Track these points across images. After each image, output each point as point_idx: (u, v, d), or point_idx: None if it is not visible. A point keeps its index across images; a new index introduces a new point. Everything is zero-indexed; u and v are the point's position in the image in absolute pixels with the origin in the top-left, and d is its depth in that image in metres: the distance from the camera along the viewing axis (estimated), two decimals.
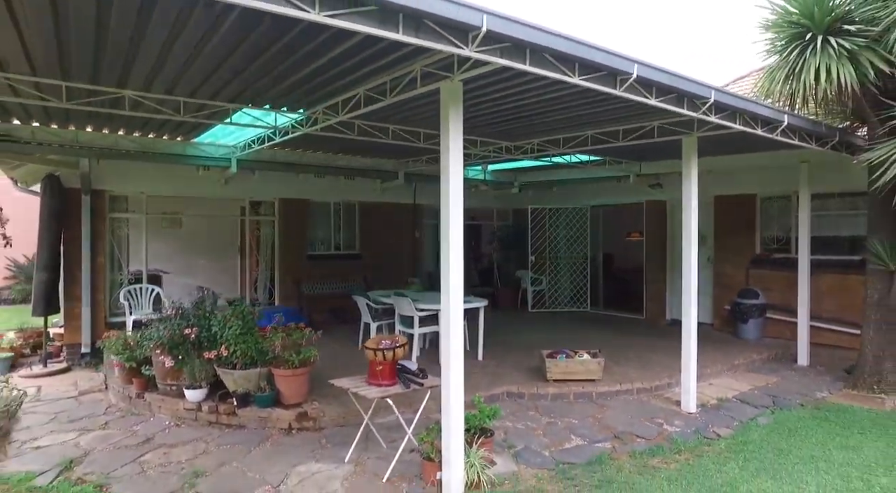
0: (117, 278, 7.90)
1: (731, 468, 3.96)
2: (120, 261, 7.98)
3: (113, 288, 7.75)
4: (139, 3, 2.96)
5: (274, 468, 3.93)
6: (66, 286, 7.25)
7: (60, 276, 7.17)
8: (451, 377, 3.45)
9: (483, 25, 2.82)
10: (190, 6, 2.99)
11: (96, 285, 7.38)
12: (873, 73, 4.85)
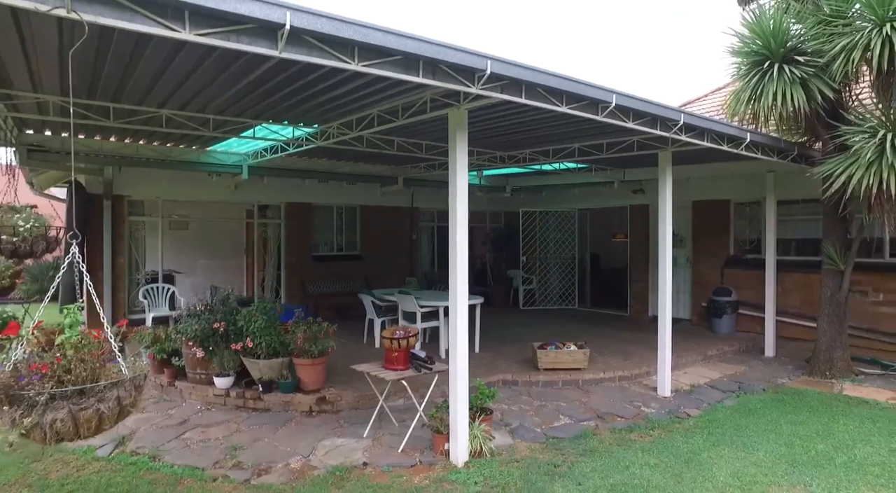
0: (135, 277, 8.41)
1: (697, 440, 4.63)
2: (137, 261, 8.50)
3: (131, 287, 8.27)
4: (197, 55, 3.56)
5: (301, 442, 4.54)
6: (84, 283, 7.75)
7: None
8: (458, 361, 4.08)
9: (487, 69, 3.46)
10: (236, 60, 3.59)
11: (117, 284, 7.91)
12: (821, 97, 5.56)
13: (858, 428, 4.81)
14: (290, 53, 2.80)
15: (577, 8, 71.95)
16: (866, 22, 5.10)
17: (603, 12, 66.96)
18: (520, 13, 74.48)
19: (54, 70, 4.04)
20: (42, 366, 2.15)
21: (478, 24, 72.17)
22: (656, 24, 60.74)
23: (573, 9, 72.90)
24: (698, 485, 3.75)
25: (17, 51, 3.61)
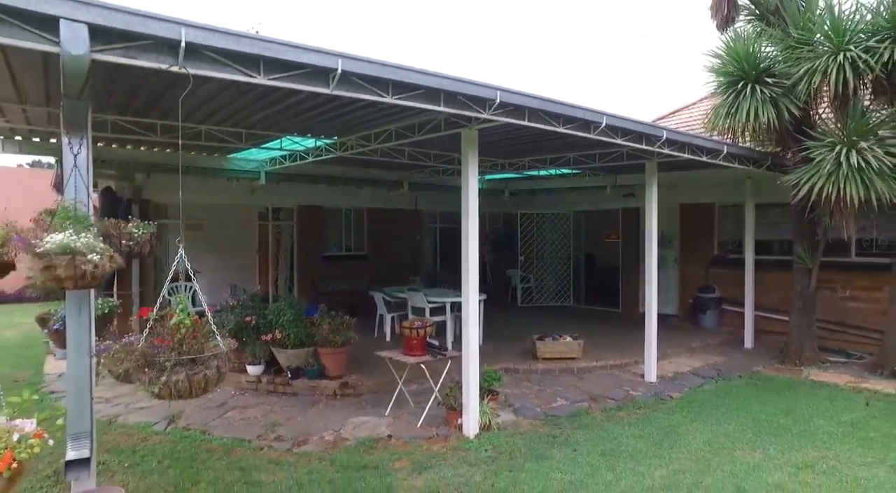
0: (160, 276, 9.03)
1: (677, 417, 5.35)
2: (162, 261, 9.12)
3: (157, 285, 8.89)
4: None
5: (330, 420, 5.21)
6: (119, 284, 8.38)
7: (115, 275, 8.30)
8: (471, 346, 4.78)
9: (497, 98, 4.15)
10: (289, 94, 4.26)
11: (144, 282, 8.54)
12: (788, 114, 6.30)
13: (817, 406, 5.54)
14: (339, 91, 3.48)
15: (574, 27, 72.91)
16: (825, 49, 5.83)
17: (598, 31, 68.11)
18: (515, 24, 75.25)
19: (126, 95, 4.69)
20: (166, 341, 2.81)
21: (468, 44, 72.88)
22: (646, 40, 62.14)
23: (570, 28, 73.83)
24: (675, 450, 4.45)
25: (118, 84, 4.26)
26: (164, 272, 9.07)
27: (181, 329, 2.85)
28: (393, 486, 3.81)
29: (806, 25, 6.19)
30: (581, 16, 70.41)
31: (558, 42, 70.99)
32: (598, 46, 65.02)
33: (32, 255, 2.60)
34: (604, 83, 59.78)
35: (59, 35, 2.48)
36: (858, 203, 5.76)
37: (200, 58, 2.95)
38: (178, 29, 2.79)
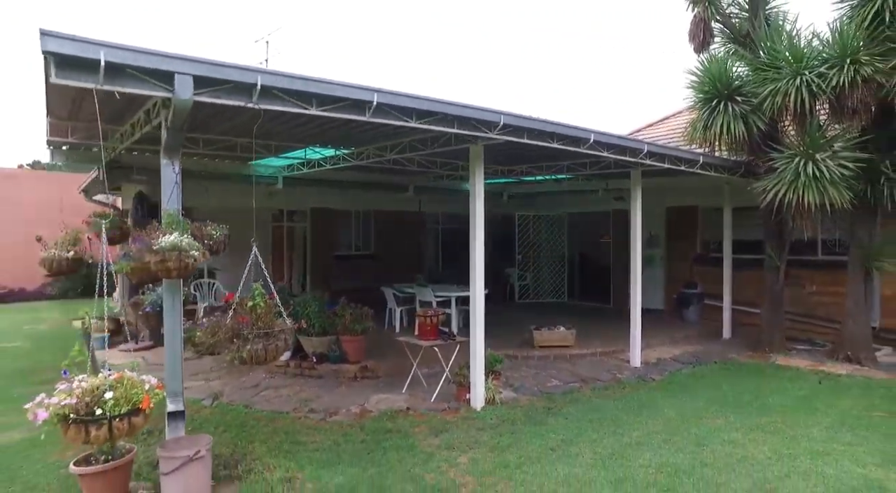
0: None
1: (655, 395, 6.20)
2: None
3: (183, 282, 9.67)
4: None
5: (355, 397, 6.03)
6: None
7: None
8: (477, 330, 5.62)
9: (501, 121, 4.99)
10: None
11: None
12: (756, 129, 7.17)
13: (777, 385, 6.42)
14: (373, 119, 4.31)
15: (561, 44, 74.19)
16: (787, 73, 6.70)
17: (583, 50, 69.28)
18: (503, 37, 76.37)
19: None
20: (246, 319, 3.63)
21: (454, 57, 74.01)
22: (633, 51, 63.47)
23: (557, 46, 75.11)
24: (650, 419, 5.30)
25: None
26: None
27: (257, 310, 3.66)
28: (415, 444, 4.64)
29: (771, 51, 7.06)
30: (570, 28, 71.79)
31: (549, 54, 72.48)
32: (589, 58, 66.47)
33: (150, 251, 3.41)
34: (599, 93, 61.37)
35: (173, 85, 3.30)
36: (816, 208, 6.62)
37: (270, 96, 3.77)
38: (255, 75, 3.61)
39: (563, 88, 63.65)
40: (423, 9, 77.46)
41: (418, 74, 67.72)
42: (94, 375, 3.42)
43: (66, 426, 2.97)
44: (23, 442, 4.82)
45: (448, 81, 64.12)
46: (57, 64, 3.01)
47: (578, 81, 65.01)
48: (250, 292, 3.84)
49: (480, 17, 78.21)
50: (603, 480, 3.91)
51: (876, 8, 6.20)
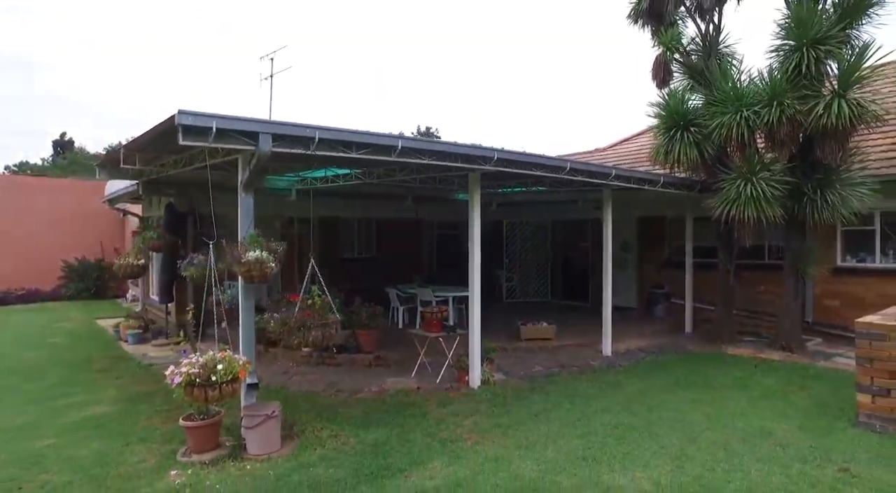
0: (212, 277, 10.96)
1: (621, 377, 7.56)
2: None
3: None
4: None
5: (372, 380, 7.29)
6: (177, 282, 10.31)
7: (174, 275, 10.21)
8: (476, 324, 6.93)
9: (495, 157, 6.30)
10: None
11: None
12: (708, 154, 8.59)
13: (722, 370, 7.82)
14: (397, 158, 5.59)
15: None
16: (731, 108, 8.12)
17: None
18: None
19: None
20: (308, 313, 4.88)
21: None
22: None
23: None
24: (615, 394, 6.64)
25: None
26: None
27: (315, 306, 4.93)
28: (427, 412, 5.93)
29: (720, 90, 8.48)
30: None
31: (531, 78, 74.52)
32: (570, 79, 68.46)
33: (237, 263, 4.66)
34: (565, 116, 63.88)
35: (257, 141, 4.55)
36: (754, 221, 8.04)
37: (323, 145, 5.03)
38: (314, 131, 4.87)
39: (554, 105, 65.66)
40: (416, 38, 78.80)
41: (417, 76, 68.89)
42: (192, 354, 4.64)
43: (192, 388, 4.21)
44: (112, 413, 6.01)
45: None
46: (184, 131, 4.24)
47: (566, 100, 67.02)
48: (309, 294, 5.10)
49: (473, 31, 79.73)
50: (572, 434, 5.24)
51: (796, 61, 7.64)
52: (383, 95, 76.90)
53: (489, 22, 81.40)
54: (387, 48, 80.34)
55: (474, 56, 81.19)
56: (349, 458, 4.68)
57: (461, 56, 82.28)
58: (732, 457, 4.61)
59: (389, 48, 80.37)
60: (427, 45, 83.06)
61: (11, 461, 4.70)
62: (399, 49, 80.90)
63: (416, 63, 79.80)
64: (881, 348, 4.96)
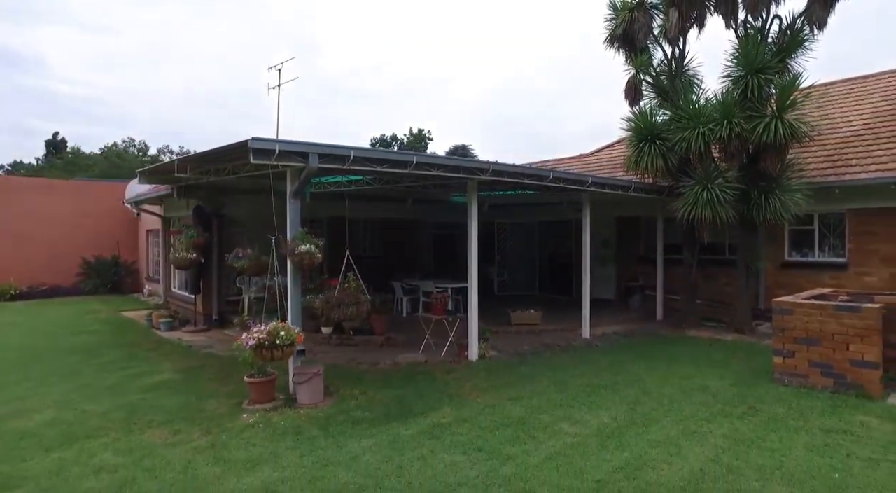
0: (232, 270, 12.26)
1: (596, 354, 9.02)
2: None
3: (229, 277, 12.13)
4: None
5: (386, 356, 8.67)
6: (204, 276, 11.61)
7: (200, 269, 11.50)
8: (473, 309, 8.35)
9: (490, 168, 7.73)
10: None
11: (220, 275, 11.77)
12: (673, 163, 10.09)
13: (682, 348, 9.31)
14: (412, 171, 6.99)
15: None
16: (691, 125, 9.61)
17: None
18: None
19: None
20: (345, 293, 6.25)
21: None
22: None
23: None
24: (590, 365, 8.09)
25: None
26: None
27: (350, 287, 6.31)
28: (436, 377, 7.33)
29: (683, 108, 9.97)
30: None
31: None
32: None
33: (291, 254, 6.02)
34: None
35: (307, 159, 5.92)
36: (710, 222, 9.54)
37: (356, 161, 6.41)
38: (349, 151, 6.25)
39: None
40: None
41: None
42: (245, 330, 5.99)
43: (261, 349, 5.57)
44: (177, 379, 7.35)
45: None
46: (254, 152, 5.60)
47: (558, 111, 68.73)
48: (346, 279, 6.47)
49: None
50: (553, 391, 6.67)
51: (744, 86, 9.16)
52: (380, 94, 78.14)
53: (487, 23, 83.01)
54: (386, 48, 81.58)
55: (470, 57, 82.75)
56: (378, 407, 6.07)
57: (458, 57, 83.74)
58: (674, 403, 6.08)
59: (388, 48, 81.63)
60: (423, 46, 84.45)
61: (115, 408, 6.04)
62: (397, 50, 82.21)
63: (412, 65, 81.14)
64: (789, 320, 6.46)
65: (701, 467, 4.38)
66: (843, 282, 9.76)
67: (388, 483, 4.16)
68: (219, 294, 11.85)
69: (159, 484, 4.21)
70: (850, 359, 6.01)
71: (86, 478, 4.33)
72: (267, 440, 5.10)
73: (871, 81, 13.01)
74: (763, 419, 5.47)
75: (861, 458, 4.45)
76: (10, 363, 8.38)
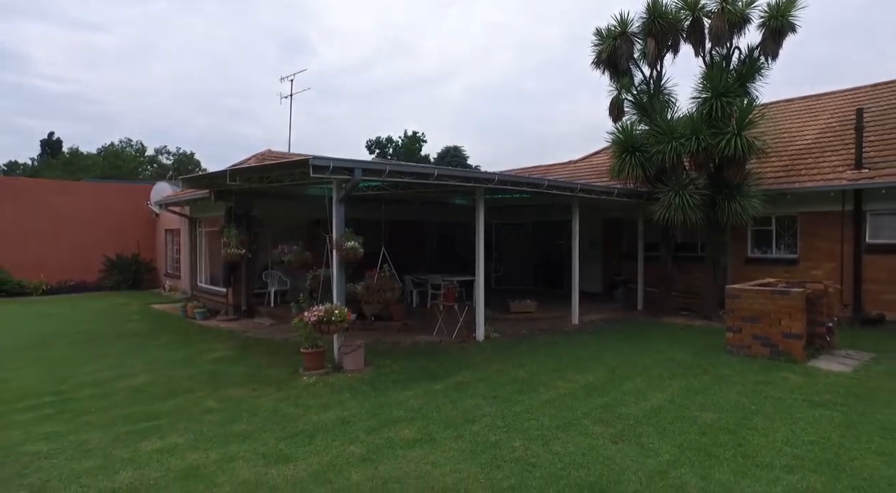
0: (258, 266, 13.75)
1: (584, 336, 10.65)
2: (248, 255, 13.79)
3: (257, 271, 13.60)
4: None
5: (404, 338, 10.23)
6: (234, 271, 13.07)
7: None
8: (480, 297, 9.94)
9: (496, 178, 9.33)
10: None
11: (249, 270, 13.25)
12: (652, 171, 11.76)
13: (657, 331, 10.98)
14: (433, 181, 8.56)
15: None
16: (665, 139, 11.28)
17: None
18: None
19: None
20: (383, 281, 7.78)
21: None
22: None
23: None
24: (578, 344, 9.72)
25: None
26: (261, 261, 13.79)
27: (384, 276, 7.86)
28: (449, 352, 8.91)
29: (659, 124, 11.64)
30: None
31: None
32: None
33: (339, 249, 7.57)
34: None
35: (353, 174, 7.46)
36: (682, 223, 11.22)
37: (391, 174, 7.97)
38: (385, 166, 7.81)
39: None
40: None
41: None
42: (308, 310, 7.51)
43: (320, 324, 7.11)
44: (234, 355, 8.84)
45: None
46: (313, 168, 7.12)
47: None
48: (382, 270, 8.01)
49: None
50: (548, 360, 8.27)
51: (710, 107, 10.86)
52: (367, 94, 79.42)
53: (486, 24, 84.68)
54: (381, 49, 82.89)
55: (464, 59, 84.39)
56: (409, 371, 7.64)
57: (454, 58, 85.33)
58: (645, 368, 7.72)
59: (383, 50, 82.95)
60: (419, 46, 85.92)
61: (196, 374, 7.55)
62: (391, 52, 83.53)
63: (406, 67, 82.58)
64: (738, 303, 8.14)
65: (659, 404, 6.02)
66: (794, 275, 11.49)
67: (431, 416, 5.74)
68: (246, 288, 13.33)
69: (260, 419, 5.74)
70: (782, 332, 7.70)
71: (202, 414, 5.86)
72: (329, 393, 6.65)
73: (823, 100, 14.82)
74: (712, 377, 7.13)
75: (773, 397, 6.13)
76: (83, 343, 9.83)
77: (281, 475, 4.37)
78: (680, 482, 4.13)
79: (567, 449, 4.78)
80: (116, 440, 5.14)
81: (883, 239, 10.69)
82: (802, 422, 5.36)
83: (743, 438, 4.98)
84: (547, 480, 4.19)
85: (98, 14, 66.62)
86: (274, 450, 4.88)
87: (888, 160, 10.78)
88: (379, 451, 4.82)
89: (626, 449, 4.78)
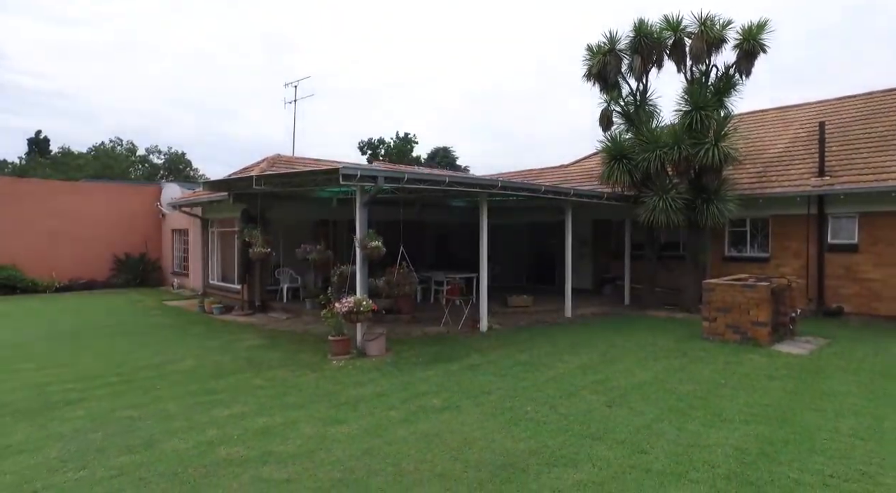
0: (271, 264, 14.69)
1: (576, 327, 11.80)
2: (273, 254, 14.74)
3: (269, 269, 14.55)
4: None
5: (414, 329, 11.29)
6: (249, 269, 14.01)
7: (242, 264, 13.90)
8: (483, 291, 11.04)
9: (499, 184, 10.43)
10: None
11: (262, 268, 14.19)
12: (636, 177, 12.95)
13: (641, 322, 12.18)
14: (446, 187, 9.64)
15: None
16: (650, 147, 12.47)
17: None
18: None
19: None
20: (401, 276, 8.83)
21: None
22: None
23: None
24: (571, 333, 10.87)
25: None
26: (273, 259, 14.73)
27: (402, 271, 8.92)
28: (458, 341, 9.99)
29: (645, 133, 12.84)
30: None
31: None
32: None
33: (363, 247, 8.61)
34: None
35: (376, 181, 8.51)
36: (665, 225, 12.42)
37: (410, 181, 9.03)
38: (404, 174, 8.85)
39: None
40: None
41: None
42: (337, 301, 8.53)
43: (349, 314, 8.14)
44: (265, 343, 9.83)
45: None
46: (343, 176, 8.14)
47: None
48: (401, 266, 9.06)
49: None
50: (545, 347, 9.39)
51: (690, 119, 12.08)
52: (371, 96, 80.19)
53: (467, 23, 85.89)
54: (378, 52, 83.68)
55: (459, 61, 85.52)
56: (426, 356, 8.70)
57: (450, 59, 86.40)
58: (632, 352, 8.88)
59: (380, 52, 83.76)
60: (412, 49, 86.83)
61: (236, 359, 8.55)
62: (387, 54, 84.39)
63: (401, 69, 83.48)
64: (713, 296, 9.34)
65: (645, 379, 7.17)
66: (766, 271, 12.76)
67: (452, 389, 6.82)
68: (260, 284, 14.28)
69: (306, 394, 6.77)
70: (750, 321, 8.91)
71: (255, 390, 6.87)
72: (359, 373, 7.70)
73: (794, 111, 16.18)
74: (689, 359, 8.31)
75: (739, 373, 7.33)
76: (120, 335, 10.74)
77: (339, 432, 5.42)
78: (660, 431, 5.27)
79: (570, 411, 5.90)
80: (191, 408, 6.14)
81: (841, 239, 12.01)
82: (760, 391, 6.55)
83: (712, 403, 6.15)
84: (556, 432, 5.30)
85: (76, 9, 66.43)
86: (326, 415, 5.93)
87: (846, 169, 12.10)
88: (415, 414, 5.89)
89: (618, 411, 5.91)
